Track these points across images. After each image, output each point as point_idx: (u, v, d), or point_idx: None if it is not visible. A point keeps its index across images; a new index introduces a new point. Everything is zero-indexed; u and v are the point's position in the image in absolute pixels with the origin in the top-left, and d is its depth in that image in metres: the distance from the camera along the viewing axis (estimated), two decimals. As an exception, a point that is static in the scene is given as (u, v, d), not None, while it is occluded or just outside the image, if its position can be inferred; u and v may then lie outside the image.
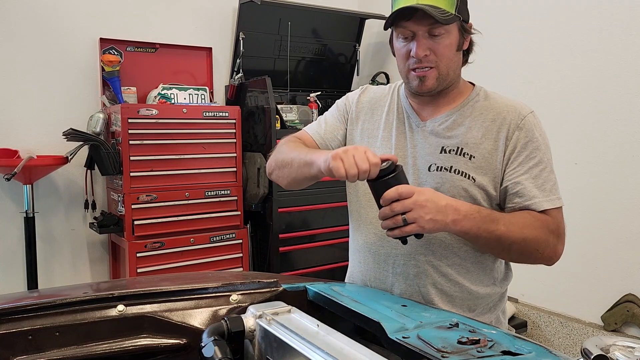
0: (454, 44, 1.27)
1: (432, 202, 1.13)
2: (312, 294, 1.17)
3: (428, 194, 1.14)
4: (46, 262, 3.15)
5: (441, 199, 1.15)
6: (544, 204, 1.24)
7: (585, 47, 2.77)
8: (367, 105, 1.46)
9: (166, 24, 3.49)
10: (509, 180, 1.26)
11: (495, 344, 0.85)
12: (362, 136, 1.43)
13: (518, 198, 1.25)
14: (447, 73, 1.28)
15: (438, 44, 1.24)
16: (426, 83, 1.27)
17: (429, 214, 1.12)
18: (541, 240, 1.22)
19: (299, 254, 3.38)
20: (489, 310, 1.36)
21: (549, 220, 1.24)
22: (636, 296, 2.60)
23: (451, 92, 1.34)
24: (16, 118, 3.04)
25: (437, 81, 1.27)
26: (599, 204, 2.73)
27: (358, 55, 4.11)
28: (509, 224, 1.19)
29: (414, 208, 1.11)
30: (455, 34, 1.26)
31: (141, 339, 1.03)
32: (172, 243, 3.01)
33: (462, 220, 1.15)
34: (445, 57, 1.26)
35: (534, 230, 1.21)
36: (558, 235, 1.25)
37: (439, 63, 1.26)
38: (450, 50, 1.26)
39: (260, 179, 3.20)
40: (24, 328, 0.96)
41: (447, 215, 1.14)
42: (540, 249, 1.23)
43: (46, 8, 3.10)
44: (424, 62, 1.25)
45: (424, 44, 1.23)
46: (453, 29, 1.25)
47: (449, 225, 1.15)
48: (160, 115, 2.95)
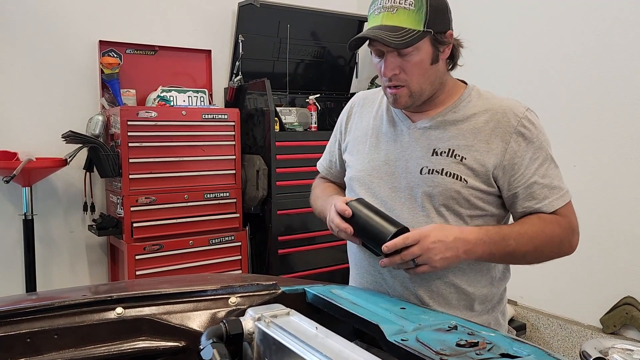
0: (426, 59, 1.24)
1: (439, 243, 1.15)
2: (310, 297, 1.17)
3: (434, 235, 1.15)
4: (45, 264, 3.14)
5: (448, 234, 1.17)
6: (555, 203, 1.25)
7: (584, 49, 2.78)
8: (356, 113, 1.49)
9: (165, 26, 3.49)
10: (519, 185, 1.26)
11: (494, 347, 0.85)
12: (353, 144, 1.45)
13: (529, 202, 1.26)
14: (420, 90, 1.26)
15: (407, 62, 1.22)
16: (399, 101, 1.27)
17: (438, 254, 1.15)
18: (555, 243, 1.25)
19: (297, 256, 3.38)
20: (488, 311, 1.35)
21: (560, 220, 1.26)
22: (635, 299, 2.60)
23: (437, 98, 1.32)
24: (15, 120, 3.04)
25: (411, 99, 1.27)
26: (598, 206, 2.73)
27: (357, 58, 4.12)
28: (518, 237, 1.22)
29: (422, 253, 1.14)
30: (426, 49, 1.23)
31: (140, 342, 1.03)
32: (171, 245, 3.01)
33: (473, 249, 1.18)
34: (416, 75, 1.24)
35: (545, 237, 1.23)
36: (572, 230, 1.27)
37: (410, 81, 1.24)
38: (421, 67, 1.24)
39: (259, 182, 3.20)
40: (22, 331, 0.96)
41: (458, 249, 1.17)
42: (555, 249, 1.26)
43: (46, 10, 3.10)
44: (394, 81, 1.25)
45: (391, 62, 1.23)
46: (423, 45, 1.22)
47: (462, 257, 1.18)
48: (159, 117, 2.95)
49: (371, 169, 1.37)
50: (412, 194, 1.30)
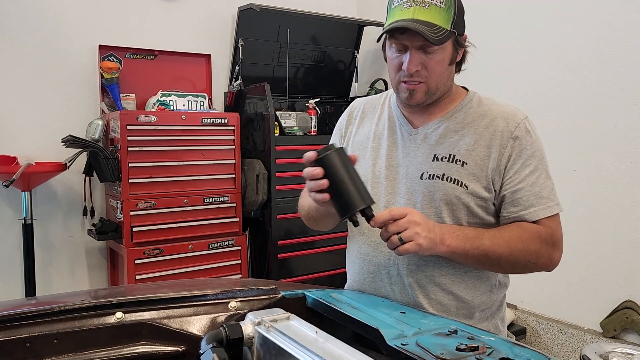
0: (447, 59, 1.26)
1: (423, 221, 1.16)
2: (310, 301, 1.17)
3: (417, 215, 1.16)
4: (44, 269, 3.14)
5: (428, 220, 1.19)
6: (539, 212, 1.24)
7: (583, 54, 2.78)
8: (357, 118, 1.48)
9: (165, 31, 3.50)
10: (506, 189, 1.26)
11: (494, 351, 0.85)
12: (354, 149, 1.44)
13: (513, 207, 1.26)
14: (436, 88, 1.28)
15: (430, 59, 1.23)
16: (415, 96, 1.27)
17: (423, 231, 1.14)
18: (531, 252, 1.23)
19: (297, 260, 3.38)
20: (487, 318, 1.35)
21: (541, 230, 1.24)
22: (635, 303, 2.60)
23: (442, 101, 1.33)
24: (15, 124, 3.05)
25: (426, 95, 1.27)
26: (598, 211, 2.73)
27: (357, 62, 4.13)
28: (493, 238, 1.22)
29: (408, 227, 1.13)
30: (449, 49, 1.25)
31: (139, 346, 1.03)
32: (170, 250, 3.00)
33: (447, 239, 1.19)
34: (436, 73, 1.25)
35: (521, 243, 1.22)
36: (553, 244, 1.26)
37: (429, 78, 1.25)
38: (441, 66, 1.25)
39: (259, 186, 3.20)
40: (22, 335, 0.96)
41: (436, 234, 1.17)
42: (532, 260, 1.24)
43: (46, 15, 3.11)
44: (414, 77, 1.24)
45: (416, 58, 1.22)
46: (447, 44, 1.23)
47: (438, 246, 1.18)
48: (159, 122, 2.96)
49: (371, 174, 1.37)
50: (412, 199, 1.30)
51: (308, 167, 1.14)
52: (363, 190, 1.13)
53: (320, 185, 1.12)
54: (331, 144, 1.16)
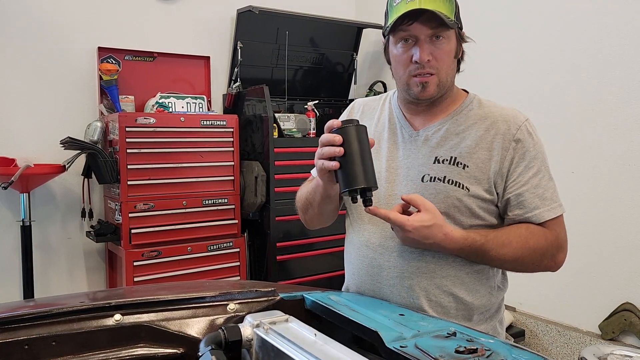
0: (453, 50, 1.27)
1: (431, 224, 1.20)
2: (309, 303, 1.16)
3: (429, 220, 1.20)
4: (43, 271, 3.13)
5: (438, 226, 1.22)
6: (545, 214, 1.25)
7: (582, 56, 2.79)
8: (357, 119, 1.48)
9: (164, 32, 3.50)
10: (510, 192, 1.27)
11: (492, 353, 0.85)
12: None
13: (519, 210, 1.26)
14: (446, 80, 1.28)
15: (439, 49, 1.24)
16: (428, 89, 1.26)
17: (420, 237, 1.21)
18: (537, 253, 1.25)
19: (296, 262, 3.38)
20: (486, 320, 1.35)
21: (547, 233, 1.25)
22: (634, 305, 2.60)
23: (444, 102, 1.34)
24: (13, 126, 3.04)
25: (438, 88, 1.27)
26: (596, 213, 2.73)
27: (355, 64, 4.13)
28: (496, 238, 1.24)
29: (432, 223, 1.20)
30: (454, 40, 1.27)
31: (138, 349, 1.03)
32: (169, 252, 3.00)
33: (449, 245, 1.22)
34: (446, 63, 1.26)
35: (526, 244, 1.24)
36: (558, 245, 1.27)
37: (440, 69, 1.25)
38: (449, 56, 1.27)
39: (257, 188, 3.20)
40: (20, 337, 0.95)
41: (436, 242, 1.21)
42: (536, 260, 1.26)
43: (44, 17, 3.11)
44: (426, 68, 1.24)
45: (426, 48, 1.23)
46: (452, 35, 1.25)
47: (435, 246, 1.23)
48: (157, 123, 2.96)
49: None
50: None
51: (328, 134, 1.16)
52: (372, 172, 1.14)
53: (335, 152, 1.13)
54: (355, 119, 1.19)
